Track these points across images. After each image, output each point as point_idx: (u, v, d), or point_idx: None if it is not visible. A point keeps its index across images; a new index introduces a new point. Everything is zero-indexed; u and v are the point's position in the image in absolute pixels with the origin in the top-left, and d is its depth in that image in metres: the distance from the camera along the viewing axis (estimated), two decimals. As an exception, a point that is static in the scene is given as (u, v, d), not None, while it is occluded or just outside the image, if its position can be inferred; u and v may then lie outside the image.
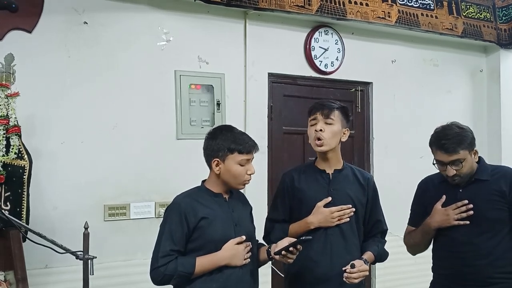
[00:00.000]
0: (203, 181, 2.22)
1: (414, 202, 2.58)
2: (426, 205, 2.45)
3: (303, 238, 2.10)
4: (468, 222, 2.30)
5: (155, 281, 2.05)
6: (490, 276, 2.29)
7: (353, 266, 2.19)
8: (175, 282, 2.05)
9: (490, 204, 2.31)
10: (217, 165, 2.12)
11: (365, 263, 2.26)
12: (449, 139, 2.26)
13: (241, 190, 2.27)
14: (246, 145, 2.11)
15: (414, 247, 2.55)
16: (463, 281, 2.33)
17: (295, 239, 2.11)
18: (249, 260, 2.13)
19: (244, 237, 2.11)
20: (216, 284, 2.06)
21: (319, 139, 2.31)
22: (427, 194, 2.49)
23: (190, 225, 2.05)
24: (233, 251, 2.08)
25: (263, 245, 2.31)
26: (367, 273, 2.26)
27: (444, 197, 2.38)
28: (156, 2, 3.34)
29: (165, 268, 2.01)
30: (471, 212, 2.30)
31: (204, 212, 2.07)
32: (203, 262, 2.05)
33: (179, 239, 2.04)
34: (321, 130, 2.30)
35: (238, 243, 2.10)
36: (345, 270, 2.19)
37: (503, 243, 2.31)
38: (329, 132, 2.30)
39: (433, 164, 2.37)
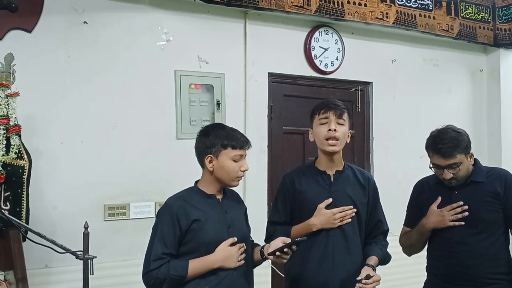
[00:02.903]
0: (196, 182, 2.19)
1: (410, 203, 2.59)
2: (422, 207, 2.46)
3: (298, 239, 2.07)
4: (463, 223, 2.31)
5: (147, 284, 2.03)
6: (484, 276, 2.30)
7: (368, 277, 2.14)
8: (168, 286, 2.02)
9: (485, 205, 2.31)
10: (210, 161, 2.10)
11: (374, 270, 2.24)
12: (445, 143, 2.26)
13: (235, 189, 2.24)
14: (238, 140, 2.11)
15: (409, 248, 2.55)
16: (457, 281, 2.33)
17: (290, 240, 2.09)
18: (243, 262, 2.10)
19: (235, 239, 2.09)
20: (209, 285, 2.03)
21: (334, 138, 2.30)
22: (422, 195, 2.49)
23: (182, 227, 2.02)
24: (226, 253, 2.05)
25: (258, 245, 2.28)
26: (379, 282, 2.22)
27: (439, 198, 2.39)
28: (156, 1, 3.34)
29: (157, 272, 1.98)
30: (466, 214, 2.31)
31: (196, 214, 2.05)
32: (195, 265, 2.02)
33: (171, 242, 2.02)
34: (335, 130, 2.29)
35: (231, 245, 2.07)
36: (360, 280, 2.14)
37: (497, 244, 2.33)
38: (341, 132, 2.31)
39: (430, 168, 2.38)
